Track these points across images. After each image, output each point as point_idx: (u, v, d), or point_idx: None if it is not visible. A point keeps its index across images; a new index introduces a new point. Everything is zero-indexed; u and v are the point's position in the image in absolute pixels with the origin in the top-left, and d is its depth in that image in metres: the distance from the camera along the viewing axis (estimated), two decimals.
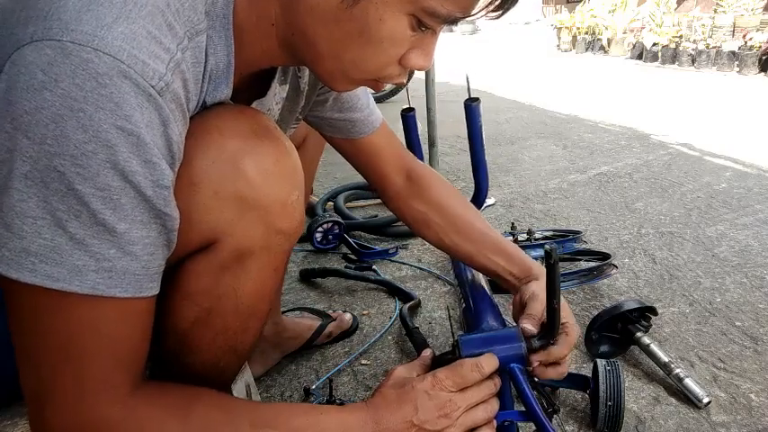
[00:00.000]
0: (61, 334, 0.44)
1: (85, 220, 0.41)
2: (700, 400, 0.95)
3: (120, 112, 0.40)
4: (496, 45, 9.53)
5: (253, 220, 0.55)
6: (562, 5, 11.87)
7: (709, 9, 6.56)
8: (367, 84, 0.57)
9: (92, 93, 0.39)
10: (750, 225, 1.72)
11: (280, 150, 0.58)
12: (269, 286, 0.63)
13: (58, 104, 0.39)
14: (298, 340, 1.15)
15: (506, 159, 2.62)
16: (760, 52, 4.83)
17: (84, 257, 0.42)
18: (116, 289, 0.44)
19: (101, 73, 0.39)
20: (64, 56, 0.39)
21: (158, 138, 0.43)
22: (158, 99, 0.42)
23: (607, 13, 7.52)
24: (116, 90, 0.40)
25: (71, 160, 0.40)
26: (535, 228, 1.67)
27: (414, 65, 0.54)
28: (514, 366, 0.68)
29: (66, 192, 0.40)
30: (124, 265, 0.44)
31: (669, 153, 2.58)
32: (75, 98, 0.39)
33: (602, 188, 2.15)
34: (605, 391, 0.88)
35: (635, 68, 5.76)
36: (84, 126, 0.39)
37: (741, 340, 1.15)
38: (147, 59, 0.41)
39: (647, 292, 1.36)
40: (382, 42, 0.50)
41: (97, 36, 0.39)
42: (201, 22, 0.48)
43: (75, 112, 0.39)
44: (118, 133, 0.40)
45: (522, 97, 4.28)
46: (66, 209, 0.41)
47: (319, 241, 1.65)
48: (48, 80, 0.39)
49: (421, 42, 0.53)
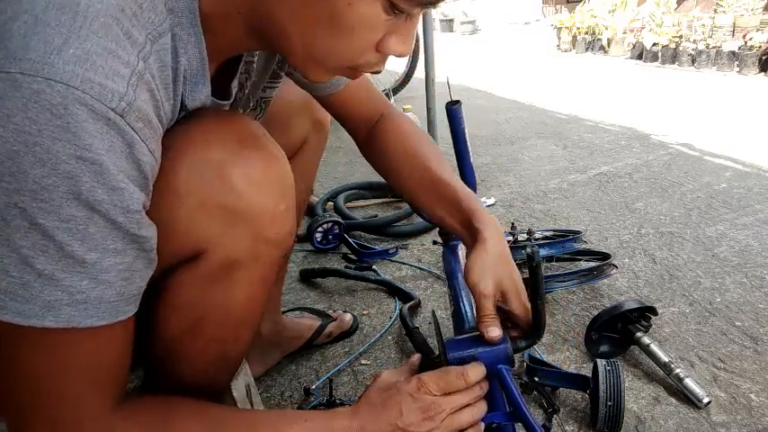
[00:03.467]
0: (38, 367, 0.44)
1: (53, 255, 0.40)
2: (700, 400, 0.95)
3: (78, 141, 0.38)
4: (496, 45, 9.53)
5: (240, 232, 0.54)
6: (562, 5, 11.87)
7: (709, 9, 6.56)
8: (343, 72, 0.55)
9: (46, 125, 0.37)
10: (750, 225, 1.72)
11: (267, 159, 0.56)
12: (258, 296, 0.62)
13: (12, 140, 0.37)
14: (298, 340, 1.15)
15: (506, 159, 2.62)
16: (760, 52, 4.83)
17: (56, 292, 0.41)
18: (92, 319, 0.43)
19: (54, 104, 0.37)
20: (14, 89, 0.36)
21: (123, 161, 0.41)
22: (119, 122, 0.40)
23: (607, 13, 7.52)
24: (72, 120, 0.38)
25: (31, 195, 0.38)
26: (535, 228, 1.67)
27: (392, 51, 0.52)
28: (502, 367, 0.68)
29: (29, 227, 0.39)
30: (98, 295, 0.43)
31: (669, 153, 2.58)
32: (29, 132, 0.37)
33: (602, 188, 2.14)
34: (605, 391, 0.88)
35: (635, 68, 5.76)
36: (41, 160, 0.38)
37: (741, 340, 1.15)
38: (104, 80, 0.39)
39: (647, 292, 1.36)
40: (354, 28, 0.48)
41: (47, 63, 0.37)
42: (164, 22, 0.45)
43: (30, 146, 0.37)
44: (78, 163, 0.39)
45: (522, 97, 4.28)
46: (31, 245, 0.39)
47: (319, 241, 1.65)
48: (0, 116, 0.37)
49: (398, 27, 0.51)
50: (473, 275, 0.66)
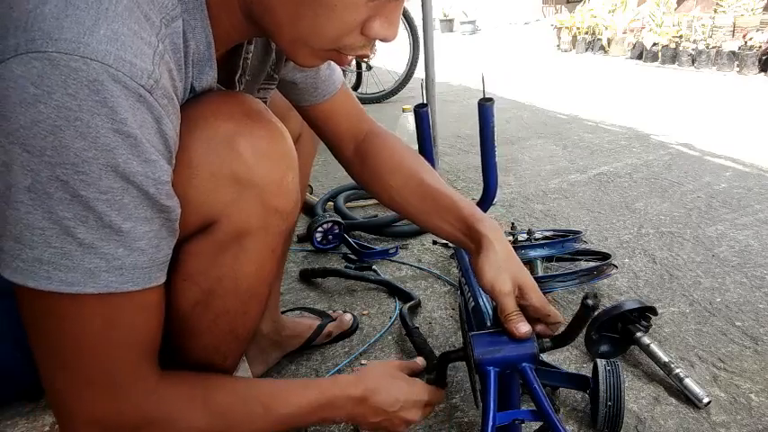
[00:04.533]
0: (80, 334, 0.46)
1: (92, 225, 0.43)
2: (700, 400, 0.95)
3: (114, 116, 0.41)
4: (496, 45, 9.52)
5: (249, 200, 0.56)
6: (562, 5, 11.87)
7: (709, 9, 6.56)
8: (330, 56, 0.56)
9: (86, 100, 0.39)
10: (750, 225, 1.72)
11: (273, 132, 0.58)
12: (267, 268, 0.64)
13: (54, 116, 0.39)
14: (298, 339, 1.15)
15: (506, 159, 2.62)
16: (760, 52, 4.83)
17: (95, 260, 0.44)
18: (128, 284, 0.46)
19: (91, 80, 0.39)
20: (53, 67, 0.39)
21: (153, 136, 0.44)
22: (149, 98, 0.43)
23: (607, 13, 7.52)
24: (108, 95, 0.40)
25: (73, 168, 0.40)
26: (535, 228, 1.67)
27: (376, 34, 0.52)
28: (526, 366, 0.68)
29: (71, 199, 0.41)
30: (133, 261, 0.46)
31: (669, 153, 2.58)
32: (70, 108, 0.39)
33: (602, 188, 2.14)
34: (605, 391, 0.88)
35: (635, 68, 5.75)
36: (82, 134, 0.40)
37: (741, 340, 1.15)
38: (134, 59, 0.41)
39: (647, 292, 1.36)
40: (336, 6, 0.49)
41: (81, 43, 0.39)
42: (176, 7, 0.48)
43: (71, 121, 0.39)
44: (115, 136, 0.41)
45: (522, 97, 4.28)
46: (73, 216, 0.42)
47: (319, 241, 1.65)
48: (40, 93, 0.39)
49: (382, 10, 0.51)
50: (487, 276, 0.68)
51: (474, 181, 2.31)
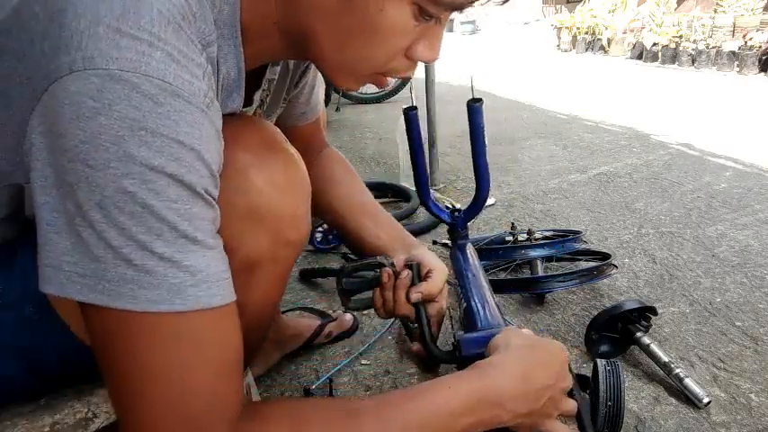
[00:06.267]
0: (165, 358, 0.42)
1: (168, 237, 0.41)
2: (700, 400, 0.95)
3: (178, 128, 0.40)
4: (496, 45, 9.53)
5: (262, 233, 0.56)
6: (562, 5, 11.88)
7: (709, 9, 6.57)
8: (372, 79, 0.57)
9: (150, 112, 0.39)
10: (750, 225, 1.72)
11: (288, 163, 0.59)
12: (275, 294, 0.64)
13: (117, 126, 0.38)
14: (297, 339, 1.15)
15: (506, 159, 2.62)
16: (760, 52, 4.83)
17: (180, 274, 0.41)
18: (216, 298, 0.43)
19: (154, 93, 0.39)
20: (114, 81, 0.38)
21: (212, 149, 0.44)
22: (208, 113, 0.43)
23: (607, 13, 7.52)
24: (172, 108, 0.40)
25: (140, 177, 0.39)
26: (535, 228, 1.67)
27: (420, 57, 0.53)
28: None
29: (141, 211, 0.39)
30: (214, 272, 0.43)
31: (669, 153, 2.58)
32: (133, 118, 0.38)
33: (602, 188, 2.15)
34: (605, 391, 0.88)
35: (635, 68, 5.76)
36: (146, 143, 0.39)
37: (741, 340, 1.15)
38: (191, 78, 0.42)
39: (647, 292, 1.36)
40: (385, 34, 0.49)
41: (142, 62, 0.39)
42: (212, 33, 0.47)
43: (135, 131, 0.38)
44: (179, 147, 0.40)
45: (522, 97, 4.28)
46: (147, 230, 0.40)
47: (319, 241, 1.65)
48: (100, 106, 0.38)
49: (426, 33, 0.52)
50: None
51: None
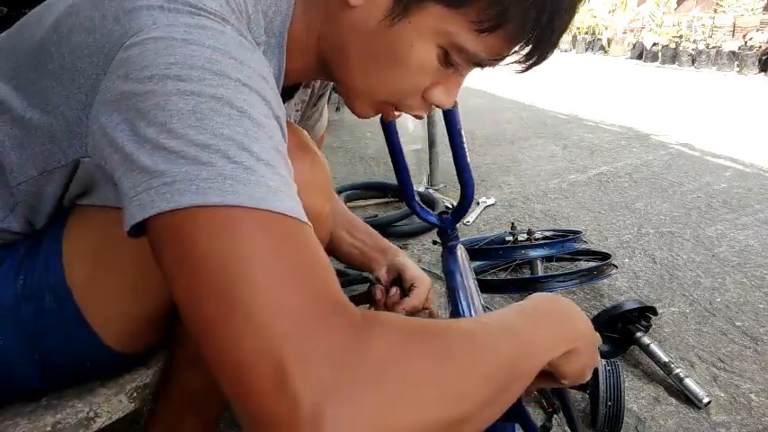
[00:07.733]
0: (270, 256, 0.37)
1: (264, 144, 0.39)
2: (700, 400, 0.95)
3: (261, 68, 0.43)
4: None
5: None
6: None
7: (709, 9, 6.57)
8: (384, 108, 0.58)
9: (237, 47, 0.41)
10: (750, 225, 1.72)
11: (316, 164, 0.60)
12: None
13: (210, 51, 0.40)
14: None
15: (506, 159, 2.62)
16: (760, 52, 4.83)
17: (276, 179, 0.39)
18: (303, 216, 0.40)
19: (239, 40, 0.42)
20: (199, 28, 0.40)
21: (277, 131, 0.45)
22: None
23: (607, 13, 7.53)
24: (253, 54, 0.43)
25: (235, 88, 0.40)
26: (535, 228, 1.67)
27: (435, 99, 0.55)
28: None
29: (239, 115, 0.39)
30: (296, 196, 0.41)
31: (669, 153, 2.58)
32: (223, 49, 0.40)
33: (602, 188, 2.15)
34: (605, 391, 0.88)
35: (635, 68, 5.76)
36: (237, 68, 0.40)
37: (741, 340, 1.15)
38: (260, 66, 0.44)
39: (647, 292, 1.36)
40: (408, 67, 0.51)
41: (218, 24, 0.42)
42: (261, 36, 0.50)
43: (225, 55, 0.40)
44: (263, 81, 0.42)
45: (522, 97, 4.28)
46: (244, 131, 0.39)
47: None
48: (190, 38, 0.40)
49: (446, 79, 0.54)
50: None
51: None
